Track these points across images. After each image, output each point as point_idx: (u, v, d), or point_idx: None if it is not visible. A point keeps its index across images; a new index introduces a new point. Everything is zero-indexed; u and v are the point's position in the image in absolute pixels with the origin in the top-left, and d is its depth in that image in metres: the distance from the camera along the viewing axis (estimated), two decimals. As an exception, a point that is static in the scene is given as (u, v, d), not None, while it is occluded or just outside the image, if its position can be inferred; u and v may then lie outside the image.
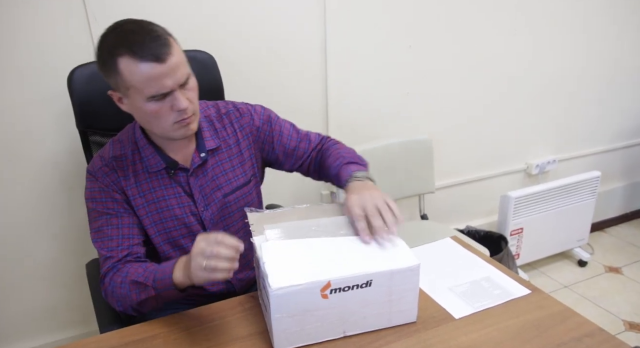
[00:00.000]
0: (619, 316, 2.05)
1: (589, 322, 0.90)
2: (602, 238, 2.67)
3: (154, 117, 0.94)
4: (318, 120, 1.80)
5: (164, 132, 0.97)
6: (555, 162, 2.39)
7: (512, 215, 2.11)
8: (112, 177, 1.02)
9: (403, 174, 1.89)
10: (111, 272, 0.98)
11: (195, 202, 1.06)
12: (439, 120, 2.04)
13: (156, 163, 1.03)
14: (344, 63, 1.75)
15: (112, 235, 1.00)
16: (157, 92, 0.90)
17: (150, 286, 0.92)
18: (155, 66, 0.87)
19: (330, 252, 0.88)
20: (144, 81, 0.88)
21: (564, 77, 2.26)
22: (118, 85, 0.92)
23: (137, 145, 1.03)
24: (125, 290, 0.95)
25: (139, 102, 0.92)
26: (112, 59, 0.88)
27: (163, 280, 0.91)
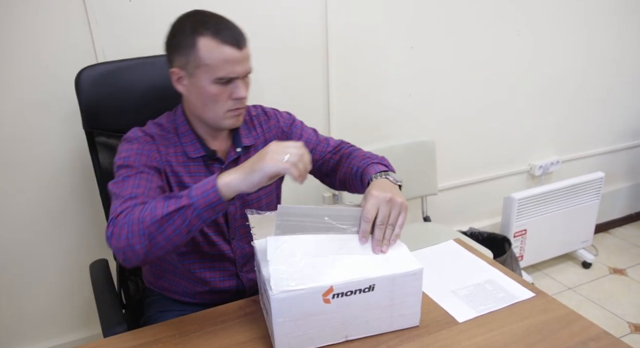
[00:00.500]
0: (624, 318, 2.04)
1: (594, 326, 0.89)
2: (606, 240, 2.65)
3: (212, 100, 0.98)
4: (320, 122, 1.79)
5: (215, 118, 1.01)
6: (558, 163, 2.38)
7: (515, 217, 2.10)
8: (153, 146, 1.02)
9: (406, 176, 1.87)
10: (129, 209, 0.87)
11: None
12: (442, 122, 2.03)
13: (195, 150, 1.05)
14: (346, 64, 1.74)
15: (141, 184, 0.94)
16: (226, 75, 0.95)
17: (184, 195, 0.83)
18: (233, 51, 0.94)
19: (333, 254, 0.87)
20: (219, 62, 0.94)
21: (567, 78, 2.25)
22: (187, 63, 0.96)
23: (177, 131, 1.06)
24: (146, 211, 0.83)
25: (203, 81, 0.96)
26: (193, 37, 0.94)
27: (203, 187, 0.82)
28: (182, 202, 0.82)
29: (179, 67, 0.98)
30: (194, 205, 0.82)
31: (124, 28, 1.40)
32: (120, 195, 0.92)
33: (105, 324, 1.00)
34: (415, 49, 1.85)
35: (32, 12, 1.29)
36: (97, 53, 1.39)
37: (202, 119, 1.03)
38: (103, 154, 1.25)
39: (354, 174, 1.09)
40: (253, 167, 0.83)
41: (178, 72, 0.99)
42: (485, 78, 2.05)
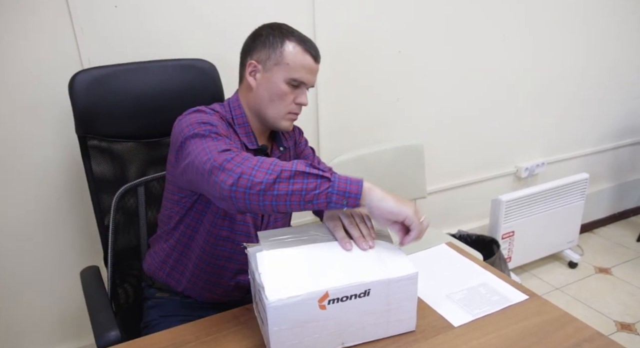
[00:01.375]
0: (611, 317, 2.07)
1: (588, 327, 0.90)
2: (592, 240, 2.70)
3: (280, 97, 1.05)
4: (309, 127, 1.79)
5: (276, 115, 1.07)
6: (544, 164, 2.41)
7: (503, 219, 2.13)
8: (224, 125, 1.04)
9: (395, 180, 1.89)
10: (237, 155, 0.86)
11: None
12: (429, 126, 2.04)
13: (250, 142, 1.09)
14: (334, 69, 1.75)
15: (230, 144, 0.93)
16: (299, 79, 1.05)
17: (328, 175, 0.83)
18: (311, 61, 1.06)
19: (327, 261, 0.87)
20: (298, 65, 1.04)
21: (553, 82, 2.29)
22: (268, 58, 1.04)
23: (234, 122, 1.09)
24: (277, 163, 0.83)
25: (277, 77, 1.04)
26: (282, 38, 1.04)
27: (347, 177, 0.84)
28: (325, 173, 0.83)
29: (257, 61, 1.06)
30: (333, 184, 0.82)
31: (110, 34, 1.38)
32: (215, 145, 0.89)
33: (99, 332, 0.98)
34: (402, 53, 1.86)
35: (18, 21, 1.27)
36: (82, 59, 1.36)
37: (262, 113, 1.08)
38: (96, 158, 1.22)
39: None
40: (398, 198, 0.87)
41: (255, 65, 1.06)
42: (471, 82, 2.07)
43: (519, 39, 2.10)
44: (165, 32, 1.44)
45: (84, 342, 1.61)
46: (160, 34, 1.43)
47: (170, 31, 1.44)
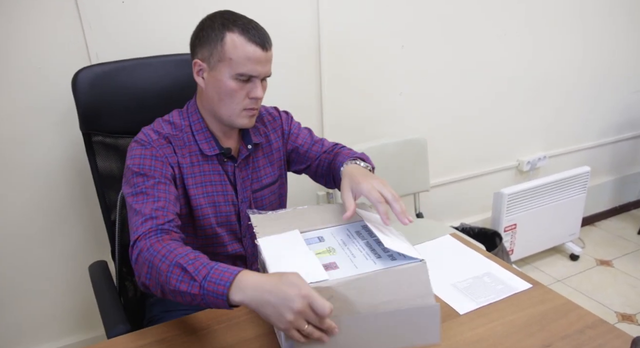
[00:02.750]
0: (612, 308, 2.09)
1: (590, 314, 0.92)
2: (593, 232, 2.72)
3: (229, 95, 1.00)
4: (313, 121, 1.80)
5: (230, 114, 1.02)
6: (545, 158, 2.43)
7: (505, 212, 2.14)
8: (168, 150, 1.03)
9: (398, 173, 1.91)
10: (153, 235, 0.88)
11: (237, 193, 1.10)
12: (433, 119, 2.06)
13: (210, 148, 1.06)
14: (338, 63, 1.76)
15: (160, 196, 0.95)
16: (247, 73, 0.98)
17: (198, 282, 0.78)
18: (257, 50, 0.97)
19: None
20: (242, 58, 0.96)
21: (553, 76, 2.30)
22: (211, 56, 0.98)
23: (190, 129, 1.06)
24: (165, 267, 0.82)
25: (223, 76, 0.98)
26: (221, 31, 0.97)
27: (216, 287, 0.76)
28: (193, 289, 0.79)
29: (201, 59, 1.01)
30: (204, 298, 0.78)
31: (117, 29, 1.40)
32: (140, 211, 0.92)
33: (109, 324, 1.00)
34: (405, 48, 1.87)
35: (25, 15, 1.28)
36: (90, 55, 1.38)
37: (216, 114, 1.04)
38: (100, 155, 1.25)
39: (337, 169, 1.10)
40: (265, 310, 0.73)
41: (200, 64, 1.01)
42: (474, 76, 2.08)
43: (519, 34, 2.11)
44: (171, 27, 1.45)
45: (94, 333, 1.64)
46: (166, 29, 1.45)
47: (176, 26, 1.45)
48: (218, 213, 1.08)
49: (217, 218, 1.08)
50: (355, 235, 0.97)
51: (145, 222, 0.90)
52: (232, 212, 1.10)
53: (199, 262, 0.81)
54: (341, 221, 1.02)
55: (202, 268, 0.80)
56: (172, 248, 0.85)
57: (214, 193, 1.07)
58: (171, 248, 0.85)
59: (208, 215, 1.07)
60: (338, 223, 1.02)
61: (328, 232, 0.99)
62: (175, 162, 1.03)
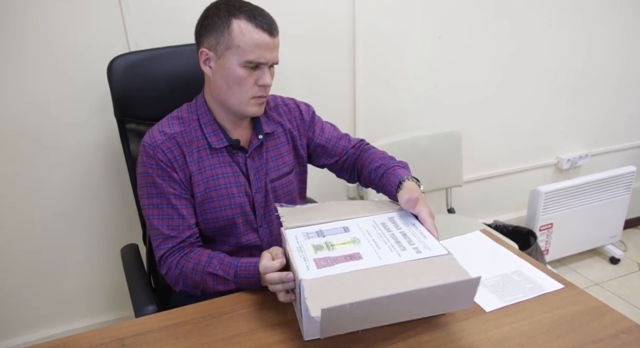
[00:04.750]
0: (653, 315, 1.99)
1: (626, 318, 0.88)
2: (636, 236, 2.59)
3: (238, 83, 0.99)
4: (346, 112, 1.79)
5: (239, 103, 1.02)
6: (587, 156, 2.33)
7: (541, 210, 2.07)
8: (174, 153, 1.03)
9: (431, 167, 1.87)
10: (177, 253, 1.02)
11: (250, 183, 1.10)
12: (468, 113, 2.01)
13: (219, 140, 1.06)
14: (373, 53, 1.74)
15: (173, 214, 1.02)
16: (255, 60, 0.97)
17: (231, 280, 0.98)
18: (265, 37, 0.96)
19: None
20: (250, 44, 0.95)
21: (596, 70, 2.20)
22: (218, 44, 0.97)
23: (199, 123, 1.06)
24: (199, 278, 1.00)
25: (231, 63, 0.97)
26: (228, 18, 0.96)
27: (248, 279, 0.97)
28: (229, 286, 0.99)
29: (208, 48, 0.99)
30: (239, 287, 0.99)
31: (156, 17, 1.42)
32: (158, 229, 1.03)
33: (137, 305, 1.04)
34: (442, 39, 1.83)
35: (67, 5, 1.32)
36: (129, 42, 1.41)
37: (225, 104, 1.03)
38: (133, 141, 1.28)
39: (375, 169, 1.13)
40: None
41: (207, 53, 0.99)
42: (512, 69, 2.01)
43: (565, 24, 2.02)
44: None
45: (124, 313, 1.70)
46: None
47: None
48: (233, 205, 1.08)
49: (232, 209, 1.08)
50: (381, 226, 0.97)
51: (166, 241, 1.03)
52: (247, 202, 1.09)
53: (224, 264, 0.99)
54: (367, 213, 1.02)
55: (229, 268, 0.98)
56: (197, 260, 1.01)
57: (227, 185, 1.07)
58: (197, 260, 1.01)
59: (222, 207, 1.07)
60: (364, 214, 1.01)
61: (354, 222, 0.99)
62: (183, 163, 1.03)
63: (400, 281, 0.79)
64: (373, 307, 0.75)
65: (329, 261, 0.85)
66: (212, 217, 1.07)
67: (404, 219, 0.99)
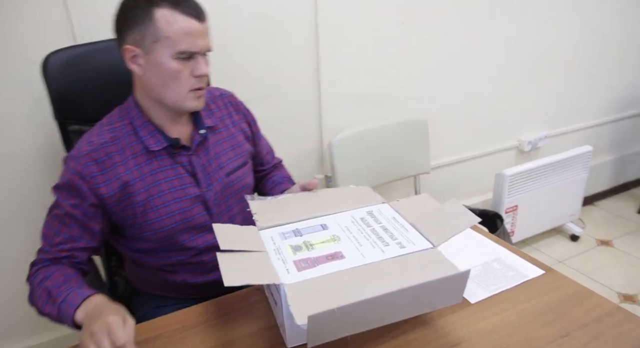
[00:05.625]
0: (613, 289, 2.07)
1: (607, 301, 0.88)
2: (593, 212, 2.69)
3: (173, 77, 0.91)
4: (311, 103, 1.74)
5: (177, 98, 0.93)
6: (546, 138, 2.38)
7: (507, 193, 2.10)
8: (99, 166, 0.92)
9: (399, 155, 1.86)
10: (41, 264, 0.93)
11: (198, 182, 1.01)
12: (432, 99, 2.00)
13: (156, 142, 0.97)
14: (336, 41, 1.69)
15: (61, 231, 0.93)
16: (188, 49, 0.89)
17: (56, 304, 0.84)
18: (193, 22, 0.88)
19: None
20: (179, 34, 0.87)
21: (553, 54, 2.24)
22: (143, 38, 0.88)
23: (132, 126, 0.97)
24: (38, 292, 0.89)
25: (163, 57, 0.89)
26: (148, 8, 0.87)
27: (67, 309, 0.82)
28: (52, 311, 0.85)
29: (132, 44, 0.89)
30: (60, 320, 0.85)
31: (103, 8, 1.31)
32: (43, 238, 0.94)
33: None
34: (406, 25, 1.80)
35: None
36: (75, 35, 1.30)
37: (161, 101, 0.95)
38: None
39: (273, 183, 1.21)
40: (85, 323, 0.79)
41: (132, 50, 0.90)
42: (474, 55, 2.01)
43: (521, 10, 2.04)
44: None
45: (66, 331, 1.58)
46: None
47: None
48: (182, 209, 0.99)
49: (181, 214, 0.99)
50: (361, 221, 0.93)
51: (39, 252, 0.94)
52: (199, 203, 1.01)
53: (65, 285, 0.87)
54: (344, 207, 0.98)
55: (64, 292, 0.85)
56: (49, 274, 0.89)
57: (171, 190, 0.98)
58: (49, 274, 0.90)
59: (169, 214, 0.98)
60: (340, 209, 0.97)
61: (331, 218, 0.94)
62: (111, 176, 0.93)
63: (387, 280, 0.75)
64: (362, 310, 0.71)
65: (310, 262, 0.81)
66: (159, 227, 0.98)
67: (383, 213, 0.95)
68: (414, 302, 0.75)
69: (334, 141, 1.71)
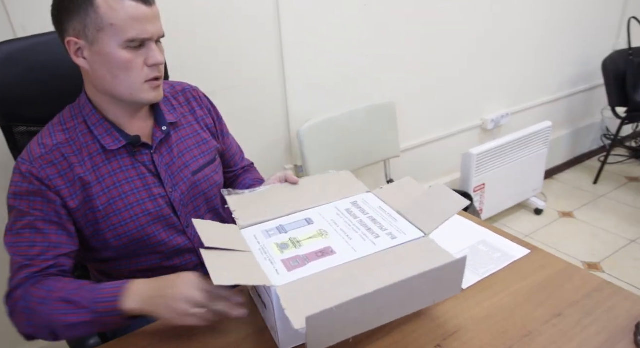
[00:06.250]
0: (578, 258, 2.15)
1: (594, 276, 0.89)
2: (553, 186, 2.78)
3: (125, 68, 0.82)
4: (277, 92, 1.67)
5: (131, 91, 0.85)
6: (508, 115, 2.42)
7: (474, 172, 2.13)
8: (57, 168, 0.84)
9: (369, 140, 1.83)
10: (27, 283, 0.80)
11: (163, 183, 0.93)
12: (397, 82, 1.98)
13: (114, 140, 0.89)
14: (299, 27, 1.62)
15: (36, 241, 0.82)
16: (137, 36, 0.80)
17: (87, 307, 0.77)
18: (140, 6, 0.80)
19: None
20: (126, 20, 0.79)
21: (510, 33, 2.27)
22: (86, 28, 0.79)
23: (86, 124, 0.88)
24: (48, 309, 0.78)
25: (110, 47, 0.80)
26: None
27: (105, 303, 0.76)
28: (83, 316, 0.77)
29: (75, 36, 0.81)
30: (99, 319, 0.77)
31: None
32: (14, 259, 0.82)
33: (77, 341, 0.88)
34: (368, 7, 1.76)
35: None
36: (14, 26, 1.18)
37: (115, 95, 0.86)
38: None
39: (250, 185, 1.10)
40: (156, 309, 0.76)
41: (75, 42, 0.81)
42: (438, 35, 2.00)
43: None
44: None
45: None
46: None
47: None
48: (146, 212, 0.91)
49: (146, 217, 0.91)
50: (346, 213, 0.89)
51: (20, 270, 0.81)
52: (164, 204, 0.93)
53: (82, 290, 0.79)
54: (326, 199, 0.94)
55: (87, 294, 0.78)
56: (50, 287, 0.79)
57: (134, 191, 0.90)
58: (49, 287, 0.79)
59: (133, 217, 0.90)
60: (323, 201, 0.93)
61: (315, 212, 0.90)
62: (70, 179, 0.85)
63: (383, 273, 0.72)
64: (361, 307, 0.68)
65: (300, 261, 0.77)
66: (123, 231, 0.90)
67: (368, 202, 0.92)
68: (413, 295, 0.73)
69: (303, 130, 1.66)
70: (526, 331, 0.77)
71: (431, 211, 0.86)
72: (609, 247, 2.22)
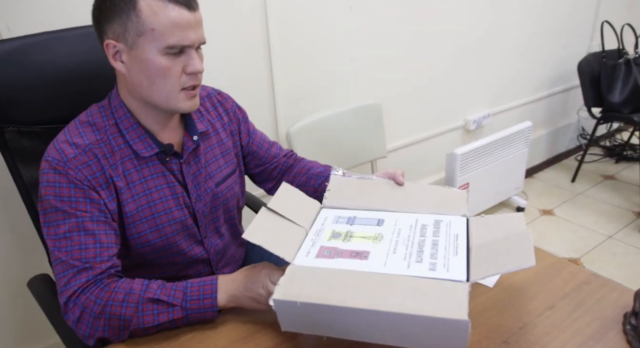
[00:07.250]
0: (559, 254, 2.21)
1: (582, 270, 0.93)
2: (533, 184, 2.85)
3: (162, 75, 0.80)
4: (264, 93, 1.68)
5: (167, 99, 0.83)
6: (489, 116, 2.48)
7: (459, 172, 2.17)
8: (92, 168, 0.83)
9: (356, 141, 1.85)
10: (92, 287, 0.78)
11: (188, 193, 0.93)
12: (384, 84, 2.01)
13: (147, 147, 0.87)
14: (286, 30, 1.64)
15: (87, 243, 0.80)
16: (178, 43, 0.79)
17: (178, 306, 0.79)
18: (184, 12, 0.78)
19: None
20: (168, 25, 0.77)
21: (492, 34, 2.32)
22: (126, 31, 0.78)
23: (118, 128, 0.87)
24: (132, 311, 0.77)
25: (149, 53, 0.79)
26: None
27: (202, 301, 0.80)
28: (175, 315, 0.79)
29: (114, 39, 0.79)
30: (188, 318, 0.81)
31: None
32: (68, 262, 0.79)
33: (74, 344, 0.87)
34: (354, 10, 1.78)
35: None
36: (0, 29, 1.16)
37: (150, 102, 0.85)
38: (20, 152, 1.02)
39: (317, 174, 1.07)
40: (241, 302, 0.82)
41: (114, 45, 0.79)
42: (423, 37, 2.04)
43: (463, -9, 2.09)
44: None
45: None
46: None
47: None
48: (172, 221, 0.91)
49: (172, 226, 0.91)
50: (419, 228, 0.85)
51: (79, 274, 0.78)
52: (187, 215, 0.93)
53: (166, 289, 0.80)
54: (416, 208, 0.90)
55: (175, 292, 0.80)
56: (128, 289, 0.79)
57: (163, 200, 0.90)
58: (127, 289, 0.79)
59: (161, 226, 0.90)
60: (411, 209, 0.90)
61: (393, 216, 0.88)
62: (105, 181, 0.84)
63: (381, 296, 0.68)
64: (334, 316, 0.68)
65: (333, 253, 0.79)
66: (147, 240, 0.89)
67: (451, 226, 0.85)
68: (395, 331, 0.68)
69: (292, 131, 1.67)
70: (521, 323, 0.80)
71: (495, 259, 0.75)
72: (588, 242, 2.29)
